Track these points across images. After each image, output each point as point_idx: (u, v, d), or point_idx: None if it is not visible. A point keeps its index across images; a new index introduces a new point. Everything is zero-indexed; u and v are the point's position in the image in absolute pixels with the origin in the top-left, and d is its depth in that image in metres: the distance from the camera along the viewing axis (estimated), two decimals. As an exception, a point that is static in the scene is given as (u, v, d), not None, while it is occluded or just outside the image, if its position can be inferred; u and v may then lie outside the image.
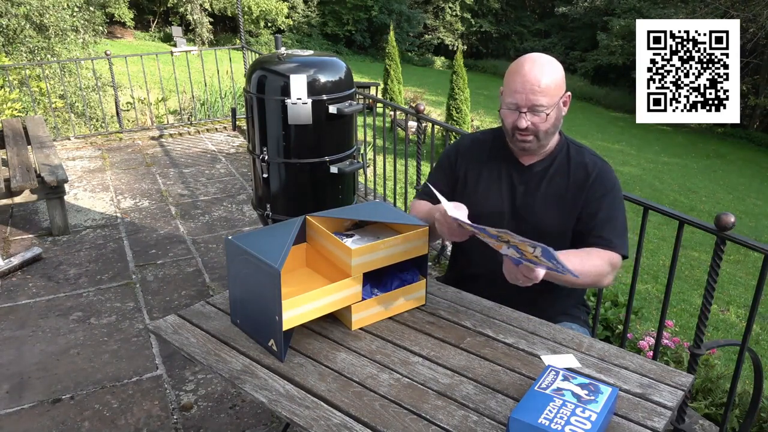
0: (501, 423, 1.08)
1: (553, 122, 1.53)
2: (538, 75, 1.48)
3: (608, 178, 1.59)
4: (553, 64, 1.52)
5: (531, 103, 1.49)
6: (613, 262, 1.51)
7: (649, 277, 6.26)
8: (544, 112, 1.49)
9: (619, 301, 3.04)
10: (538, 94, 1.48)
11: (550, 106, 1.49)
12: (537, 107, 1.49)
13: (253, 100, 2.48)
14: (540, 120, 1.51)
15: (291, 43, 22.35)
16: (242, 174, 4.94)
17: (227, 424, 2.16)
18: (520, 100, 1.49)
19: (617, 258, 1.52)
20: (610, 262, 1.50)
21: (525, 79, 1.48)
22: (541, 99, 1.48)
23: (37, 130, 4.58)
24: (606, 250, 1.51)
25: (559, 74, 1.52)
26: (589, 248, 1.52)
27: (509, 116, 1.53)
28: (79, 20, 8.95)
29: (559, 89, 1.51)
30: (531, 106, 1.49)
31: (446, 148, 1.87)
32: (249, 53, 6.66)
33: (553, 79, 1.49)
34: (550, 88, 1.49)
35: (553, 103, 1.50)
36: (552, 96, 1.49)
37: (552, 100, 1.50)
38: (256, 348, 1.30)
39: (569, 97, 1.58)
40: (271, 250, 1.24)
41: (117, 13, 19.04)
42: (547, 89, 1.48)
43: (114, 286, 3.13)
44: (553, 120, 1.53)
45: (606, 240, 1.52)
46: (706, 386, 2.46)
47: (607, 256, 1.50)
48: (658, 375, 1.21)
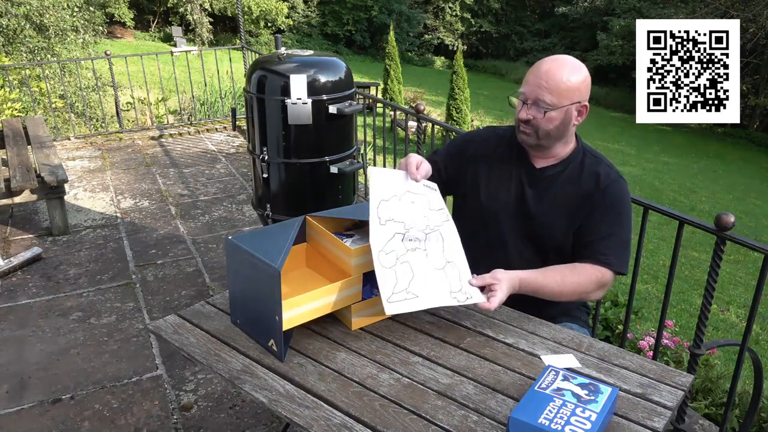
0: (501, 423, 1.08)
1: (556, 125, 1.50)
2: (551, 72, 1.47)
3: (618, 193, 1.55)
4: (575, 68, 1.49)
5: (535, 96, 1.48)
6: (602, 279, 1.49)
7: (649, 277, 6.26)
8: (545, 109, 1.48)
9: (619, 301, 3.04)
10: (545, 90, 1.46)
11: (553, 105, 1.47)
12: (540, 102, 1.48)
13: (253, 100, 2.48)
14: (539, 116, 1.49)
15: (291, 43, 22.34)
16: (242, 174, 4.94)
17: (227, 424, 2.16)
18: (528, 91, 1.50)
19: (608, 275, 1.49)
20: (597, 279, 1.48)
21: (538, 73, 1.48)
22: (546, 96, 1.47)
23: (37, 130, 4.58)
24: (597, 266, 1.49)
25: (575, 78, 1.48)
26: (577, 264, 1.50)
27: (518, 107, 1.54)
28: (79, 20, 8.95)
29: (570, 92, 1.48)
30: (535, 100, 1.48)
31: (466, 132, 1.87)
32: (249, 53, 6.65)
33: (566, 80, 1.46)
34: (560, 89, 1.46)
35: (559, 104, 1.47)
36: (559, 96, 1.47)
37: (558, 100, 1.47)
38: (256, 348, 1.30)
39: (585, 108, 1.52)
40: (271, 250, 1.24)
41: (117, 13, 19.03)
42: (555, 88, 1.46)
43: (114, 286, 3.13)
44: (557, 123, 1.50)
45: (601, 255, 1.50)
46: (706, 386, 2.46)
47: (595, 273, 1.48)
48: (658, 375, 1.21)
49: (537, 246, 1.58)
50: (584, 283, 1.47)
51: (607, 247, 1.50)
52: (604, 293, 1.56)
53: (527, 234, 1.59)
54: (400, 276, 1.31)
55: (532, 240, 1.59)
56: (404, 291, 1.30)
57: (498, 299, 1.34)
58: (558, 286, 1.45)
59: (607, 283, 1.51)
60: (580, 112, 1.52)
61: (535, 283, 1.44)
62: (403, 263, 1.32)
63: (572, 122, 1.53)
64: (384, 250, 1.30)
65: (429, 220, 1.40)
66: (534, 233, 1.58)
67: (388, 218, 1.34)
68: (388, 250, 1.31)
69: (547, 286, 1.45)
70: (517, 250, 1.59)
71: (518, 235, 1.59)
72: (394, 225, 1.34)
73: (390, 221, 1.34)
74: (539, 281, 1.44)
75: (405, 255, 1.33)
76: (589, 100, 1.55)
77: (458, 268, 1.39)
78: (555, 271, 1.47)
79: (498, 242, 1.61)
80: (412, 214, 1.38)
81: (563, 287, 1.45)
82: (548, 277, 1.45)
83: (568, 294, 1.47)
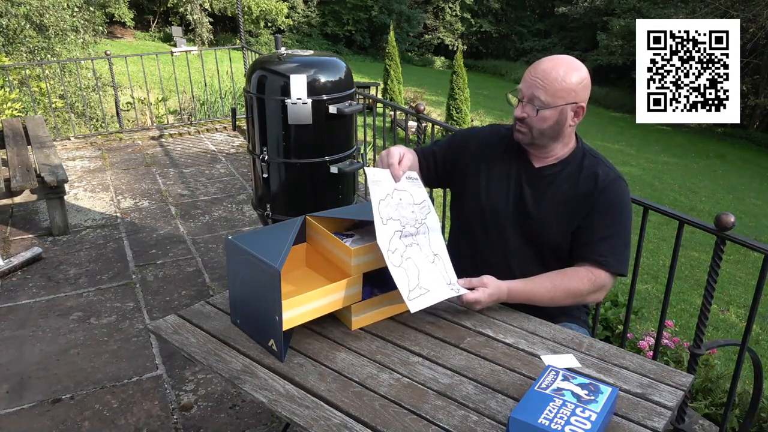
0: (501, 423, 1.08)
1: (550, 124, 1.50)
2: (547, 70, 1.47)
3: (617, 193, 1.54)
4: (572, 68, 1.48)
5: (531, 94, 1.48)
6: (597, 282, 1.48)
7: (649, 277, 6.26)
8: (538, 107, 1.48)
9: (619, 301, 3.04)
10: (540, 89, 1.47)
11: (547, 104, 1.47)
12: (535, 99, 1.48)
13: (253, 100, 2.48)
14: (533, 114, 1.49)
15: (291, 43, 22.35)
16: (242, 174, 4.94)
17: (227, 424, 2.16)
18: (524, 88, 1.50)
19: (605, 276, 1.48)
20: (590, 282, 1.47)
21: (534, 70, 1.49)
22: (540, 93, 1.47)
23: (37, 130, 4.58)
24: (591, 267, 1.48)
25: (572, 78, 1.47)
26: (568, 269, 1.50)
27: (516, 104, 1.54)
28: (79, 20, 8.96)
29: (565, 92, 1.47)
30: (530, 97, 1.49)
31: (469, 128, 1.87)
32: (249, 53, 6.65)
33: (562, 79, 1.46)
34: (555, 88, 1.46)
35: (553, 104, 1.47)
36: (553, 95, 1.46)
37: (552, 99, 1.47)
38: (256, 348, 1.30)
39: (582, 110, 1.51)
40: (271, 250, 1.24)
41: (117, 13, 19.04)
42: (549, 86, 1.46)
43: (114, 286, 3.13)
44: (550, 122, 1.49)
45: (598, 256, 1.49)
46: (706, 386, 2.46)
47: (588, 275, 1.48)
48: (658, 375, 1.21)
49: (536, 245, 1.58)
50: (576, 286, 1.47)
51: (605, 248, 1.50)
52: (605, 295, 1.55)
53: (525, 233, 1.59)
54: (410, 273, 1.34)
55: (531, 239, 1.59)
56: (417, 287, 1.34)
57: (478, 296, 1.38)
58: (549, 293, 1.46)
59: (604, 284, 1.50)
60: (576, 113, 1.51)
61: (523, 291, 1.45)
62: (407, 259, 1.35)
63: (568, 123, 1.52)
64: (390, 249, 1.33)
65: (416, 215, 1.43)
66: (532, 232, 1.58)
67: (388, 217, 1.36)
68: (392, 249, 1.34)
69: (537, 293, 1.46)
70: (516, 249, 1.59)
71: (517, 234, 1.59)
72: (393, 223, 1.36)
73: (390, 220, 1.36)
74: (528, 288, 1.45)
75: (406, 251, 1.36)
76: (589, 100, 1.54)
77: (443, 260, 1.43)
78: (545, 277, 1.48)
79: (497, 241, 1.61)
80: (403, 210, 1.41)
81: (554, 293, 1.46)
82: (538, 284, 1.46)
83: (561, 299, 1.47)
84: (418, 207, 1.44)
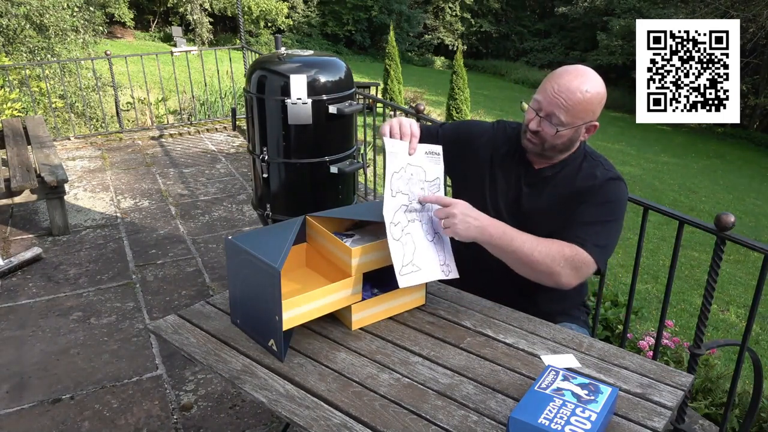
0: (501, 423, 1.08)
1: (564, 141, 1.50)
2: (572, 89, 1.43)
3: (614, 192, 1.53)
4: (595, 86, 1.46)
5: (551, 112, 1.46)
6: (575, 259, 1.43)
7: (649, 277, 6.26)
8: (557, 127, 1.47)
9: (619, 301, 3.04)
10: (560, 108, 1.45)
11: (566, 124, 1.46)
12: (553, 117, 1.46)
13: (253, 100, 2.48)
14: (550, 131, 1.48)
15: (291, 43, 22.34)
16: (242, 174, 4.94)
17: (227, 424, 2.16)
18: (544, 104, 1.47)
19: (583, 255, 1.43)
20: (568, 256, 1.42)
21: (558, 88, 1.45)
22: (561, 114, 1.45)
23: (37, 130, 4.59)
24: (573, 245, 1.44)
25: (593, 99, 1.46)
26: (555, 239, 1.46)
27: (529, 113, 1.52)
28: (79, 20, 8.96)
29: (585, 113, 1.46)
30: (549, 114, 1.47)
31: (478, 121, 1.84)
32: (249, 53, 6.65)
33: (584, 101, 1.44)
34: (576, 109, 1.45)
35: (572, 123, 1.47)
36: (574, 116, 1.45)
37: (572, 120, 1.46)
38: (256, 348, 1.30)
39: (595, 128, 1.52)
40: (271, 250, 1.24)
41: (117, 13, 19.03)
42: (572, 108, 1.44)
43: (114, 286, 3.13)
44: (564, 139, 1.50)
45: (579, 238, 1.45)
46: (706, 386, 2.46)
47: (566, 248, 1.43)
48: (658, 375, 1.21)
49: None
50: (554, 253, 1.41)
51: (586, 233, 1.46)
52: (580, 280, 1.48)
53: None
54: (407, 248, 1.36)
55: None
56: (410, 264, 1.36)
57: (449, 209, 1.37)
58: (528, 246, 1.41)
59: (580, 265, 1.43)
60: (589, 129, 1.52)
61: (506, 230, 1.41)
62: (407, 234, 1.37)
63: (580, 138, 1.53)
64: (393, 222, 1.35)
65: (425, 192, 1.44)
66: (529, 231, 1.58)
67: (398, 190, 1.39)
68: (395, 222, 1.36)
69: (517, 240, 1.41)
70: None
71: None
72: (401, 197, 1.39)
73: (399, 193, 1.39)
74: (510, 230, 1.41)
75: (407, 226, 1.38)
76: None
77: (444, 240, 1.45)
78: (527, 234, 1.44)
79: None
80: (413, 186, 1.43)
81: (534, 249, 1.40)
82: (521, 233, 1.42)
83: (537, 261, 1.41)
84: (429, 184, 1.45)
